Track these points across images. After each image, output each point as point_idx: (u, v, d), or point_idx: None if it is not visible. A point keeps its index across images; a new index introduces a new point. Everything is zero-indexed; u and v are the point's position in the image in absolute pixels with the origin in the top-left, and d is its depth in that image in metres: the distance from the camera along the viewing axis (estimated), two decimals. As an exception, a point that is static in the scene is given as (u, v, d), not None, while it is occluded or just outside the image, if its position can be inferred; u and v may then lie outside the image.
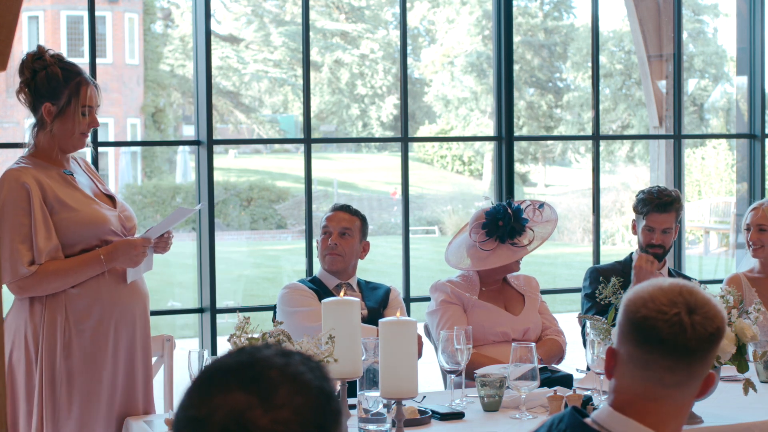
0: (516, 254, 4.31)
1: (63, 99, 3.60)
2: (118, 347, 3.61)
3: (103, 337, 3.58)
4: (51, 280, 3.51)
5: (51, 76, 3.60)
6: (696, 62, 24.42)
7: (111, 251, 3.57)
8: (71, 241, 3.57)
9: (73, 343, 3.54)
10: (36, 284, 3.50)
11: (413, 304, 5.78)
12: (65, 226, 3.55)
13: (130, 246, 3.59)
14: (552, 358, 4.34)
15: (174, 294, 15.42)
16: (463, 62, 25.63)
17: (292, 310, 4.23)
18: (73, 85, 3.61)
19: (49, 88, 3.60)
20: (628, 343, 1.98)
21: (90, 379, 3.56)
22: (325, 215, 4.43)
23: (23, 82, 3.64)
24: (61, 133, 3.61)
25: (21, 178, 3.52)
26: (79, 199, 3.61)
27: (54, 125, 3.61)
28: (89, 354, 3.56)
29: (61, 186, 3.60)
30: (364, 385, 3.33)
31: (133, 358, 3.66)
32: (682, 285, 1.98)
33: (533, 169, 26.57)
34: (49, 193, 3.55)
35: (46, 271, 3.50)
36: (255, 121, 26.02)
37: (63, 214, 3.55)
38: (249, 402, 1.34)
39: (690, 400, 1.99)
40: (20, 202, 3.50)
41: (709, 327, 1.95)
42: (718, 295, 3.48)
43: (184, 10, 25.28)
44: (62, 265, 3.52)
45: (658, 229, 4.61)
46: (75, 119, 3.61)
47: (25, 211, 3.50)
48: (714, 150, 20.75)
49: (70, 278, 3.53)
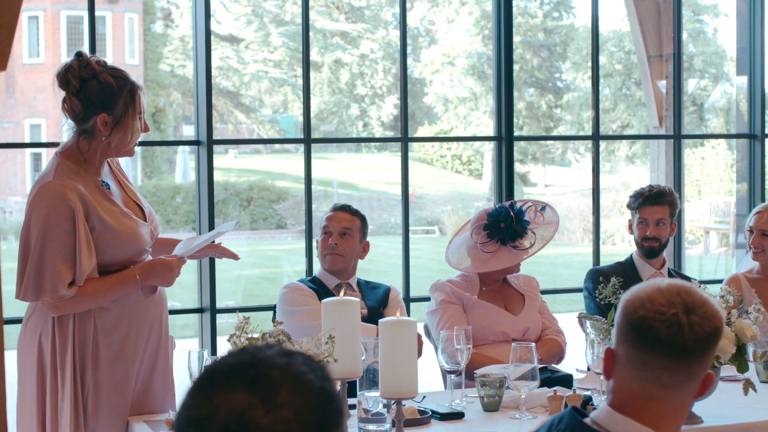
0: (517, 257, 4.31)
1: (119, 108, 3.45)
2: (144, 356, 3.58)
3: (131, 349, 3.53)
4: (89, 302, 3.43)
5: (104, 85, 3.44)
6: (696, 62, 24.42)
7: (147, 271, 3.49)
8: (109, 260, 3.47)
9: (100, 353, 3.47)
10: (73, 305, 3.42)
11: (413, 304, 5.78)
12: (105, 245, 3.45)
13: (167, 268, 3.51)
14: (552, 358, 4.34)
15: (174, 294, 15.41)
16: (462, 62, 25.64)
17: (292, 309, 4.23)
18: (127, 93, 3.46)
19: (102, 97, 3.43)
20: (626, 343, 1.98)
21: (117, 390, 3.52)
22: (326, 215, 4.43)
23: (71, 92, 3.45)
24: (119, 143, 3.48)
25: (66, 196, 3.37)
26: (118, 218, 3.49)
27: (112, 136, 3.46)
28: (117, 365, 3.50)
29: (100, 199, 3.46)
30: (364, 385, 3.33)
31: (155, 365, 3.63)
32: (680, 285, 1.98)
33: (533, 169, 26.58)
34: (91, 210, 3.41)
35: (86, 294, 3.41)
36: (255, 121, 26.03)
37: (104, 235, 3.44)
38: (250, 402, 1.34)
39: (689, 399, 1.99)
40: (64, 222, 3.37)
41: (707, 327, 1.95)
42: (718, 296, 3.48)
43: (183, 10, 25.29)
44: (100, 287, 3.43)
45: (651, 221, 4.64)
46: (133, 128, 3.49)
47: (69, 231, 3.37)
48: (713, 150, 20.75)
49: (107, 299, 3.46)
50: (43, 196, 3.39)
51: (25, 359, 3.53)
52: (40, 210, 3.38)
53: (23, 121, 22.17)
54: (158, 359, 3.64)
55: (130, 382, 3.55)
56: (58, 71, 3.51)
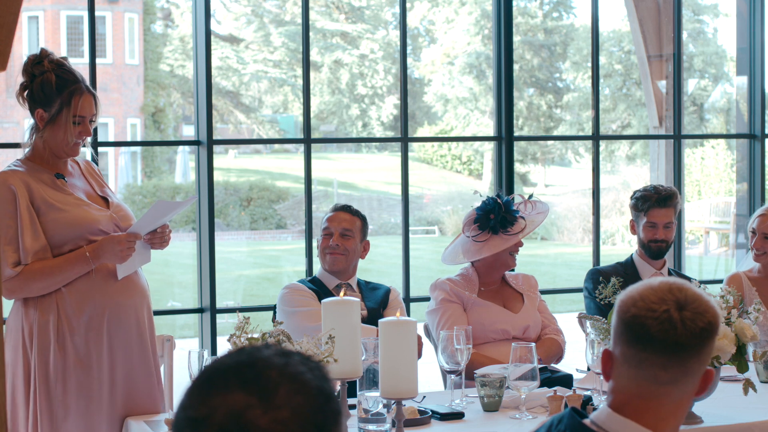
0: (508, 241, 4.34)
1: (54, 107, 3.61)
2: (114, 344, 3.61)
3: (96, 334, 3.58)
4: (37, 280, 3.52)
5: (45, 83, 3.61)
6: (696, 62, 24.42)
7: (96, 248, 3.58)
8: (59, 241, 3.58)
9: (66, 341, 3.54)
10: (23, 285, 3.51)
11: (413, 304, 5.78)
12: (52, 227, 3.56)
13: (114, 242, 3.58)
14: (551, 358, 4.34)
15: (174, 294, 15.42)
16: (462, 62, 25.63)
17: (292, 310, 4.23)
18: (66, 95, 3.60)
19: (42, 94, 3.61)
20: (621, 343, 1.98)
21: (85, 377, 3.56)
22: (326, 216, 4.43)
23: (21, 85, 3.65)
24: (52, 141, 3.62)
25: (8, 181, 3.54)
26: (68, 202, 3.62)
27: (45, 132, 3.62)
28: (83, 351, 3.56)
29: (50, 189, 3.60)
30: (364, 385, 3.33)
31: (130, 355, 3.65)
32: (672, 283, 1.98)
33: (533, 169, 26.57)
34: (36, 195, 3.56)
35: (32, 271, 3.51)
36: (255, 121, 26.03)
37: (50, 215, 3.56)
38: (248, 402, 1.34)
39: (688, 397, 1.99)
40: (6, 204, 3.52)
41: (699, 322, 1.94)
42: (718, 295, 3.48)
43: (184, 10, 25.29)
44: (47, 264, 3.54)
45: (660, 224, 4.63)
46: (66, 128, 3.61)
47: (10, 213, 3.52)
48: (713, 150, 20.75)
49: (57, 277, 3.54)
50: None
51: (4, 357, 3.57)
52: None
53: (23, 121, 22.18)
54: (134, 356, 3.65)
55: (101, 370, 3.58)
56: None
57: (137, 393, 3.66)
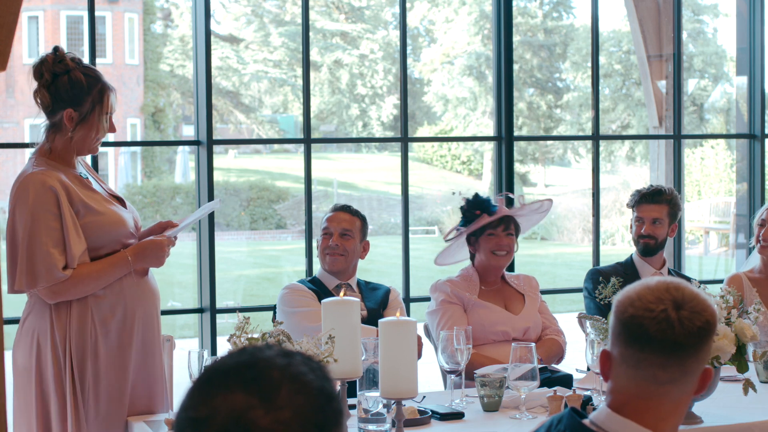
0: (503, 212, 4.40)
1: (86, 106, 3.53)
2: (140, 345, 3.61)
3: (128, 336, 3.57)
4: (85, 284, 3.47)
5: (75, 82, 3.52)
6: (696, 62, 24.42)
7: (138, 252, 3.55)
8: (97, 244, 3.53)
9: (99, 343, 3.51)
10: (71, 288, 3.46)
11: (413, 304, 5.78)
12: (92, 229, 3.51)
13: (158, 247, 3.57)
14: (552, 358, 4.34)
15: (174, 294, 15.42)
16: (462, 62, 25.63)
17: (292, 310, 4.23)
18: (96, 92, 3.54)
19: (71, 93, 3.52)
20: (619, 343, 1.99)
21: (117, 379, 3.55)
22: (326, 216, 4.43)
23: (42, 84, 3.54)
24: (82, 139, 3.55)
25: (47, 182, 3.45)
26: (100, 202, 3.57)
27: (76, 132, 3.54)
28: (115, 354, 3.54)
29: (82, 189, 3.55)
30: (364, 385, 3.33)
31: (153, 354, 3.65)
32: (669, 282, 1.98)
33: (533, 169, 26.57)
34: (74, 196, 3.49)
35: (81, 275, 3.46)
36: (255, 121, 26.03)
37: (89, 217, 3.51)
38: (250, 402, 1.34)
39: (687, 396, 1.99)
40: (50, 206, 3.44)
41: (697, 321, 1.95)
42: (718, 295, 3.48)
43: (183, 10, 25.29)
44: (94, 268, 3.49)
45: (647, 219, 4.67)
46: (98, 126, 3.56)
47: (55, 215, 3.44)
48: (713, 150, 20.75)
49: (102, 281, 3.51)
50: (26, 187, 3.46)
51: (23, 359, 3.53)
52: (24, 200, 3.45)
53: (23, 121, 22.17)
54: (146, 357, 3.65)
55: (129, 372, 3.58)
56: (34, 63, 3.61)
57: (155, 392, 3.66)
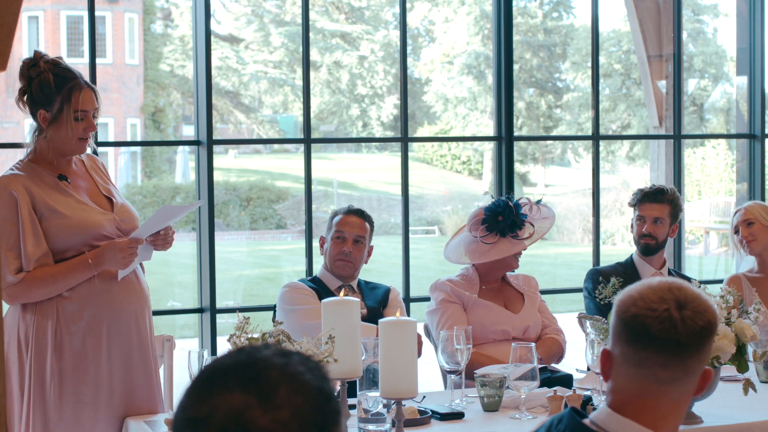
0: (516, 246, 4.32)
1: (55, 106, 3.59)
2: (112, 347, 3.60)
3: (95, 337, 3.57)
4: (39, 287, 3.51)
5: (44, 84, 3.59)
6: (696, 62, 24.42)
7: (98, 255, 3.56)
8: (62, 247, 3.56)
9: (64, 344, 3.53)
10: (24, 291, 3.50)
11: (413, 304, 5.78)
12: (55, 232, 3.55)
13: (116, 249, 3.56)
14: (552, 357, 4.34)
15: (174, 294, 15.42)
16: (462, 62, 25.63)
17: (292, 308, 4.24)
18: (65, 91, 3.59)
19: (42, 95, 3.59)
20: (621, 343, 1.99)
21: (82, 380, 3.55)
22: (337, 218, 4.40)
23: (20, 90, 3.64)
24: (57, 139, 3.60)
25: (8, 186, 3.52)
26: (71, 205, 3.59)
27: (49, 132, 3.60)
28: (80, 355, 3.55)
29: (53, 192, 3.58)
30: (364, 385, 3.33)
31: (130, 357, 3.64)
32: (671, 282, 1.99)
33: (533, 169, 26.57)
34: (38, 199, 3.54)
35: (34, 278, 3.49)
36: (255, 121, 26.02)
37: (53, 220, 3.55)
38: (248, 402, 1.34)
39: (687, 396, 1.99)
40: (7, 210, 3.50)
41: (699, 321, 1.95)
42: (718, 295, 3.48)
43: (183, 10, 25.28)
44: (50, 271, 3.52)
45: (648, 218, 4.67)
46: (69, 125, 3.59)
47: (11, 219, 3.50)
48: (713, 150, 20.76)
49: (60, 284, 3.53)
50: None
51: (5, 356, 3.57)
52: None
53: (23, 121, 22.17)
54: (134, 360, 3.65)
55: (103, 374, 3.57)
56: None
57: (136, 395, 3.66)
